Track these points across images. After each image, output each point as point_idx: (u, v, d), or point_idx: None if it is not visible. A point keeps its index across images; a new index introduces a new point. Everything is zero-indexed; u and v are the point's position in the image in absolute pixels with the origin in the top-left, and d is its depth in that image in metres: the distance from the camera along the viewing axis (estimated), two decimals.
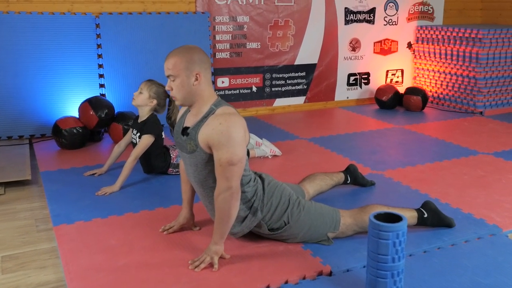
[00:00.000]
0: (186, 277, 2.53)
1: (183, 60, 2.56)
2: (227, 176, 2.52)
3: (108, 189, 3.69)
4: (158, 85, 3.85)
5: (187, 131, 2.67)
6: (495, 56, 6.12)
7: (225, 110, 2.61)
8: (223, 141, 2.50)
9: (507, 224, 3.15)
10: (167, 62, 2.60)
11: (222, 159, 2.51)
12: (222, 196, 2.55)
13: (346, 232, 2.91)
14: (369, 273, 2.34)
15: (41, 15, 5.00)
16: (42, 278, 2.61)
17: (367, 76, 6.83)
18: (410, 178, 3.97)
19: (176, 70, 2.57)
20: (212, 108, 2.63)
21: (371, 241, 2.30)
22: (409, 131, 5.42)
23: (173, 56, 2.59)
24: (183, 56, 2.57)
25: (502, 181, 3.90)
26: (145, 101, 3.81)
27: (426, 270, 2.63)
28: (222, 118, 2.55)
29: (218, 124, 2.53)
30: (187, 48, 2.62)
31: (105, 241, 2.91)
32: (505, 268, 2.65)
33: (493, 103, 6.26)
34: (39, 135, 5.13)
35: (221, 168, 2.52)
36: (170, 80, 2.62)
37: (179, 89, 2.60)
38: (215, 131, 2.52)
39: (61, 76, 5.10)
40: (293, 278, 2.53)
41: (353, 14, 6.52)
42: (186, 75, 2.57)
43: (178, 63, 2.56)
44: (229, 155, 2.50)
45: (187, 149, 2.67)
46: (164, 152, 3.99)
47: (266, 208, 2.80)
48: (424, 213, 3.04)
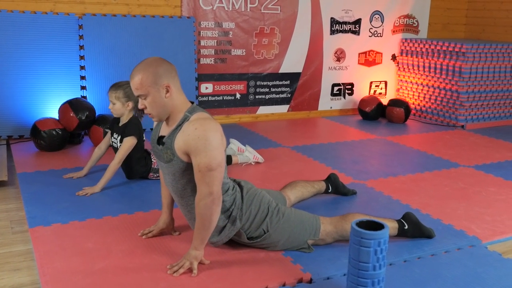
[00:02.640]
0: (164, 282, 2.49)
1: (148, 76, 2.49)
2: (207, 181, 2.48)
3: (89, 190, 3.64)
4: (124, 85, 3.74)
5: (163, 140, 2.62)
6: (478, 71, 6.17)
7: (199, 115, 2.56)
8: (200, 146, 2.45)
9: (486, 236, 3.17)
10: (133, 82, 2.51)
11: (201, 164, 2.46)
12: (203, 202, 2.51)
13: (326, 239, 2.89)
14: (349, 281, 2.32)
15: (22, 13, 4.94)
16: (16, 280, 2.55)
17: (351, 86, 6.85)
18: (392, 188, 3.97)
19: (144, 89, 2.50)
20: (186, 115, 2.57)
21: (352, 248, 2.28)
22: (391, 143, 5.43)
23: (137, 74, 2.50)
24: (148, 72, 2.49)
25: (482, 194, 3.92)
26: (122, 109, 3.75)
27: (406, 279, 2.62)
28: (197, 123, 2.49)
29: (194, 129, 2.48)
30: (149, 63, 2.53)
31: (82, 244, 2.86)
32: (484, 279, 2.65)
33: (475, 117, 6.31)
34: (17, 136, 5.06)
35: (200, 173, 2.48)
36: (141, 99, 2.54)
37: (153, 106, 2.54)
38: (191, 137, 2.47)
39: (41, 76, 5.04)
40: (273, 285, 2.51)
41: (339, 24, 6.54)
42: (156, 90, 2.50)
43: (144, 80, 2.49)
44: (207, 159, 2.45)
45: (164, 159, 2.63)
46: (145, 157, 3.94)
47: (245, 216, 2.76)
48: (405, 225, 3.03)
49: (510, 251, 3.04)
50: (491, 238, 3.15)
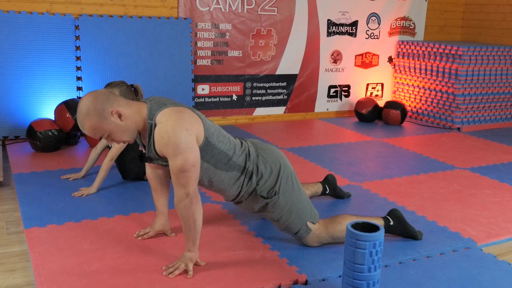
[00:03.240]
0: (159, 283, 2.49)
1: (92, 118, 2.42)
2: (182, 183, 2.47)
3: (85, 191, 3.65)
4: (119, 84, 3.69)
5: (146, 157, 2.63)
6: (474, 73, 6.18)
7: (160, 119, 2.48)
8: (170, 152, 2.43)
9: (481, 238, 3.18)
10: (86, 131, 2.48)
11: (173, 168, 2.45)
12: (182, 204, 2.51)
13: (318, 236, 2.89)
14: (345, 283, 2.32)
15: (18, 14, 4.93)
16: (10, 281, 2.55)
17: (347, 88, 6.86)
18: (388, 190, 3.98)
19: (99, 130, 2.46)
20: (149, 123, 2.51)
21: (348, 250, 2.29)
22: (387, 144, 5.44)
23: (84, 123, 2.44)
24: (90, 115, 2.42)
25: (477, 196, 3.93)
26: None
27: (401, 281, 2.62)
28: (161, 130, 2.44)
29: (160, 138, 2.44)
30: (85, 106, 2.43)
31: (77, 245, 2.86)
32: (479, 281, 2.66)
33: (471, 120, 6.32)
34: (13, 137, 5.05)
35: (175, 176, 2.47)
36: (107, 138, 2.51)
37: (119, 135, 2.51)
38: (161, 145, 2.45)
39: (37, 77, 5.04)
40: (269, 286, 2.51)
41: (336, 26, 6.55)
42: (108, 123, 2.45)
43: (93, 124, 2.44)
44: (179, 162, 2.43)
45: (164, 165, 2.65)
46: (137, 158, 3.93)
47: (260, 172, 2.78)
48: (390, 221, 3.05)
49: (505, 253, 3.05)
50: (486, 240, 3.16)
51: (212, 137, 2.61)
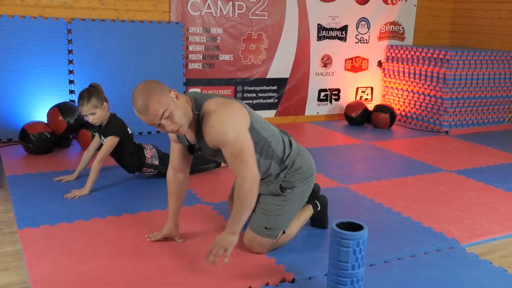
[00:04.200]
0: (150, 281, 2.56)
1: (156, 93, 2.44)
2: (245, 164, 2.54)
3: (77, 192, 3.70)
4: (91, 91, 3.72)
5: (197, 148, 2.69)
6: (462, 77, 6.28)
7: (207, 108, 2.57)
8: (224, 139, 2.52)
9: (465, 238, 3.25)
10: (150, 109, 2.42)
11: (231, 153, 2.54)
12: (247, 185, 2.53)
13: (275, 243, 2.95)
14: (330, 280, 2.39)
15: (11, 18, 4.96)
16: (4, 280, 2.60)
17: (337, 92, 6.94)
18: (375, 192, 4.05)
19: (163, 104, 2.44)
20: (196, 114, 2.59)
21: (332, 248, 2.36)
22: (376, 147, 5.52)
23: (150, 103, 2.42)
24: (154, 91, 2.45)
25: (463, 198, 4.01)
26: (103, 113, 3.75)
27: (386, 279, 2.70)
28: (211, 120, 2.53)
29: (211, 127, 2.52)
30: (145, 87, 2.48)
31: (70, 245, 2.92)
32: (461, 279, 2.73)
33: (458, 123, 6.41)
34: (6, 140, 5.09)
35: (236, 160, 2.53)
36: (167, 119, 2.47)
37: (179, 116, 2.50)
38: (213, 134, 2.53)
39: (30, 80, 5.07)
40: (257, 284, 2.58)
41: (326, 30, 6.63)
42: (170, 100, 2.47)
43: (157, 98, 2.44)
44: (236, 147, 2.52)
45: (211, 155, 2.74)
46: (137, 151, 4.03)
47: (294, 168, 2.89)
48: (318, 206, 3.21)
49: (487, 252, 3.13)
50: (469, 240, 3.24)
51: (257, 123, 2.71)
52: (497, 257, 3.08)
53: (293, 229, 3.03)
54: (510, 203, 3.92)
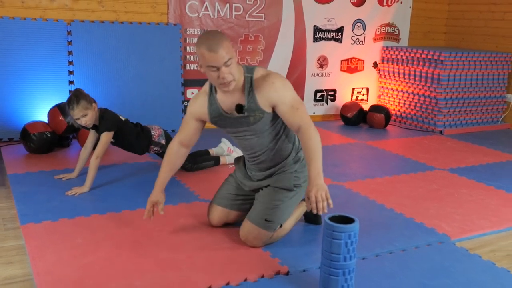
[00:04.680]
0: (150, 274, 2.64)
1: (228, 41, 2.65)
2: (305, 115, 2.77)
3: (78, 190, 3.79)
4: (78, 95, 3.78)
5: (246, 108, 2.80)
6: (456, 78, 6.36)
7: (261, 72, 2.81)
8: (283, 92, 2.75)
9: (455, 233, 3.33)
10: (221, 50, 2.59)
11: (295, 104, 2.75)
12: (314, 133, 2.73)
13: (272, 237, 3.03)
14: (322, 272, 2.48)
15: (12, 20, 5.03)
16: (9, 272, 2.69)
17: (333, 93, 7.01)
18: (369, 189, 4.13)
19: (231, 51, 2.64)
20: (247, 76, 2.80)
21: (325, 241, 2.45)
22: (371, 147, 5.59)
23: (223, 42, 2.61)
24: (226, 39, 2.65)
25: (454, 195, 4.08)
26: (93, 115, 3.83)
27: (378, 272, 2.78)
28: (270, 78, 2.76)
29: (272, 84, 2.74)
30: (218, 32, 2.69)
31: (71, 240, 3.00)
32: (450, 272, 2.82)
33: (453, 123, 6.50)
34: (7, 139, 5.16)
35: (299, 110, 2.75)
36: (226, 67, 2.64)
37: (235, 71, 2.70)
38: (272, 90, 2.74)
39: (30, 81, 5.15)
40: (252, 276, 2.66)
41: (322, 32, 6.72)
42: (234, 52, 2.68)
43: (228, 45, 2.63)
44: (296, 99, 2.77)
45: (250, 122, 2.84)
46: (141, 130, 4.18)
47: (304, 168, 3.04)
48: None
49: (477, 247, 3.20)
50: (459, 236, 3.31)
51: None
52: (486, 251, 3.15)
53: (288, 223, 3.11)
54: (501, 200, 4.00)
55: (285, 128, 2.96)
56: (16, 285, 2.57)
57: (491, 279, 2.78)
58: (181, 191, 3.89)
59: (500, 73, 6.71)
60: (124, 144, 4.14)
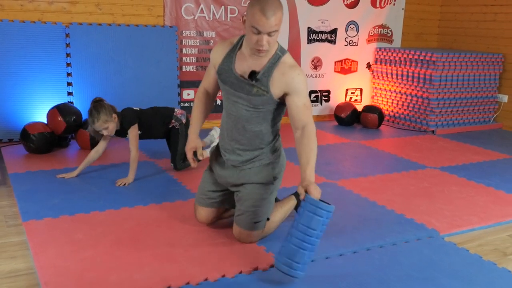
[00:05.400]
0: (148, 267, 2.74)
1: (281, 12, 2.65)
2: (311, 117, 2.86)
3: (124, 180, 4.05)
4: (99, 108, 3.94)
5: (257, 77, 2.81)
6: (448, 79, 6.46)
7: (291, 59, 2.86)
8: (304, 88, 2.82)
9: (444, 228, 3.43)
10: (272, 18, 2.57)
11: (306, 104, 2.84)
12: (315, 136, 2.84)
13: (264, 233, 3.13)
14: (291, 244, 2.58)
15: (11, 23, 5.11)
16: (13, 266, 2.78)
17: (327, 93, 7.10)
18: (361, 187, 4.22)
19: (279, 24, 2.65)
20: (278, 54, 2.82)
21: (305, 215, 2.55)
22: (364, 146, 5.68)
23: (277, 11, 2.60)
24: (281, 8, 2.65)
25: (444, 192, 4.18)
26: (114, 125, 4.00)
27: (368, 265, 2.88)
28: (297, 70, 2.82)
29: (297, 74, 2.80)
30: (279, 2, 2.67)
31: (72, 235, 3.09)
32: (438, 265, 2.92)
33: (445, 123, 6.60)
34: (7, 140, 5.23)
35: (308, 111, 2.84)
36: (270, 36, 2.64)
37: (274, 43, 2.74)
38: (296, 81, 2.79)
39: (29, 82, 5.22)
40: (247, 269, 2.76)
41: (316, 34, 6.81)
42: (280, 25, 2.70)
43: (281, 16, 2.64)
44: (308, 101, 2.86)
45: (251, 92, 2.85)
46: (156, 111, 4.38)
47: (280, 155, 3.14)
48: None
49: (465, 242, 3.30)
50: (448, 231, 3.41)
51: None
52: (473, 245, 3.25)
53: (277, 215, 3.20)
54: (490, 197, 4.10)
55: (276, 118, 2.99)
56: (20, 278, 2.66)
57: (478, 271, 2.88)
58: (178, 189, 3.99)
59: (492, 74, 6.82)
60: (148, 130, 4.25)
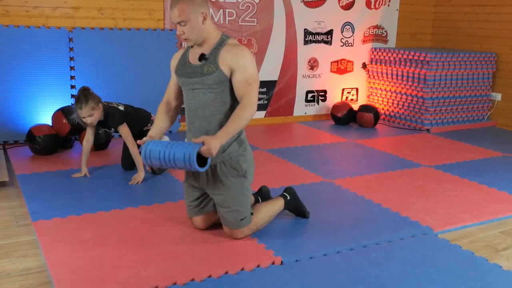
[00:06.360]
0: (154, 265, 2.86)
1: (189, 5, 2.85)
2: (253, 93, 2.93)
3: (137, 178, 4.19)
4: (87, 95, 4.08)
5: (206, 56, 2.96)
6: (441, 78, 6.56)
7: (236, 42, 3.02)
8: (248, 63, 2.93)
9: (438, 226, 3.54)
10: (174, 10, 2.86)
11: (249, 79, 2.93)
12: (249, 110, 2.90)
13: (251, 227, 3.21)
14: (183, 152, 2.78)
15: (17, 28, 5.22)
16: (25, 264, 2.90)
17: (324, 93, 7.19)
18: (357, 186, 4.32)
19: (185, 15, 2.85)
20: (223, 38, 3.00)
21: (182, 151, 2.76)
22: (360, 145, 5.77)
23: (179, 3, 2.85)
24: (188, 1, 2.85)
25: (439, 190, 4.28)
26: (99, 115, 4.16)
27: (364, 261, 3.00)
28: (241, 47, 2.96)
29: (241, 50, 2.93)
30: None
31: (80, 235, 3.22)
32: (431, 261, 3.04)
33: (439, 121, 6.69)
34: (12, 141, 5.35)
35: (250, 86, 2.93)
36: (181, 26, 2.89)
37: (192, 31, 2.90)
38: (239, 56, 2.92)
39: (34, 85, 5.34)
40: (249, 266, 2.88)
41: (312, 35, 6.91)
42: (195, 18, 2.88)
43: (185, 8, 2.84)
44: (253, 77, 2.94)
45: (203, 72, 2.96)
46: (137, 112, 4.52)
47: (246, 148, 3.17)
48: (287, 196, 3.48)
49: (458, 238, 3.41)
50: (442, 228, 3.52)
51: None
52: (466, 242, 3.36)
53: (262, 210, 3.29)
54: (483, 194, 4.20)
55: (235, 104, 3.03)
56: (33, 276, 2.78)
57: (470, 266, 3.00)
58: (180, 188, 4.06)
59: (485, 73, 6.92)
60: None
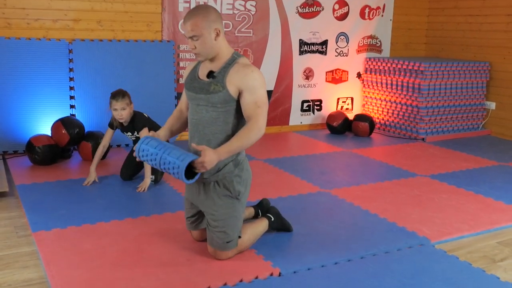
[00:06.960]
0: (154, 276, 2.88)
1: (203, 20, 2.83)
2: (263, 116, 2.90)
3: (144, 185, 4.30)
4: (125, 92, 4.40)
5: (213, 74, 2.94)
6: (436, 87, 6.59)
7: (247, 61, 2.98)
8: (258, 85, 2.89)
9: (435, 236, 3.56)
10: (187, 24, 2.85)
11: (258, 101, 2.89)
12: (254, 133, 2.87)
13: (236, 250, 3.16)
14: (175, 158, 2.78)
15: (18, 40, 5.28)
16: (26, 275, 2.92)
17: (319, 103, 7.21)
18: (354, 196, 4.34)
19: (198, 30, 2.83)
20: (234, 56, 2.97)
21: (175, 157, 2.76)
22: (356, 155, 5.80)
23: (192, 17, 2.84)
24: (203, 16, 2.84)
25: (435, 200, 4.30)
26: (129, 113, 4.36)
27: (362, 272, 3.02)
28: (252, 67, 2.92)
29: (251, 71, 2.89)
30: (203, 8, 2.89)
31: (80, 246, 3.24)
32: (428, 272, 3.06)
33: (434, 130, 6.72)
34: (12, 152, 5.36)
35: (259, 109, 2.88)
36: (193, 40, 2.87)
37: (203, 46, 2.88)
38: (249, 77, 2.88)
39: (34, 96, 5.37)
40: (248, 278, 2.90)
41: (307, 45, 6.95)
42: (208, 33, 2.85)
43: (199, 23, 2.82)
44: (262, 99, 2.90)
45: (209, 90, 2.93)
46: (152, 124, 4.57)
47: (244, 168, 3.11)
48: (272, 218, 3.45)
49: (455, 249, 3.42)
50: (439, 238, 3.53)
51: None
52: (463, 252, 3.38)
53: (248, 232, 3.21)
54: (479, 204, 4.21)
55: (238, 125, 3.00)
56: (34, 287, 2.80)
57: (467, 278, 3.02)
58: (178, 199, 4.12)
59: (479, 82, 6.96)
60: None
